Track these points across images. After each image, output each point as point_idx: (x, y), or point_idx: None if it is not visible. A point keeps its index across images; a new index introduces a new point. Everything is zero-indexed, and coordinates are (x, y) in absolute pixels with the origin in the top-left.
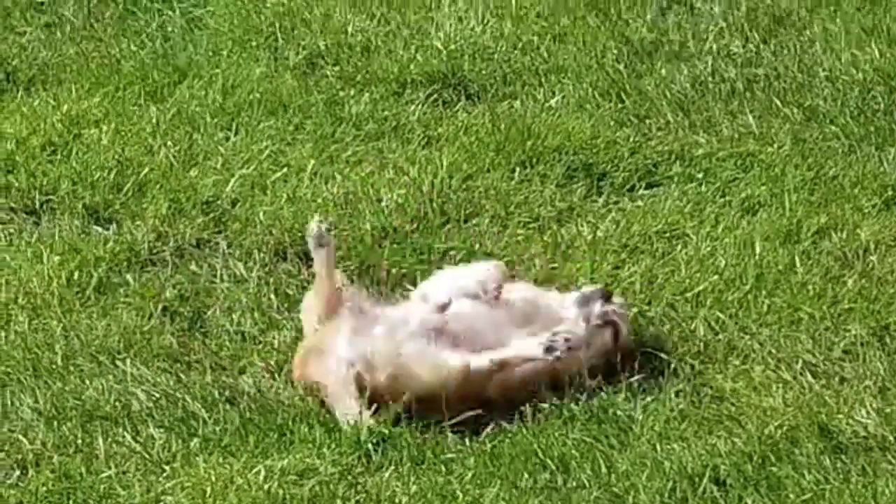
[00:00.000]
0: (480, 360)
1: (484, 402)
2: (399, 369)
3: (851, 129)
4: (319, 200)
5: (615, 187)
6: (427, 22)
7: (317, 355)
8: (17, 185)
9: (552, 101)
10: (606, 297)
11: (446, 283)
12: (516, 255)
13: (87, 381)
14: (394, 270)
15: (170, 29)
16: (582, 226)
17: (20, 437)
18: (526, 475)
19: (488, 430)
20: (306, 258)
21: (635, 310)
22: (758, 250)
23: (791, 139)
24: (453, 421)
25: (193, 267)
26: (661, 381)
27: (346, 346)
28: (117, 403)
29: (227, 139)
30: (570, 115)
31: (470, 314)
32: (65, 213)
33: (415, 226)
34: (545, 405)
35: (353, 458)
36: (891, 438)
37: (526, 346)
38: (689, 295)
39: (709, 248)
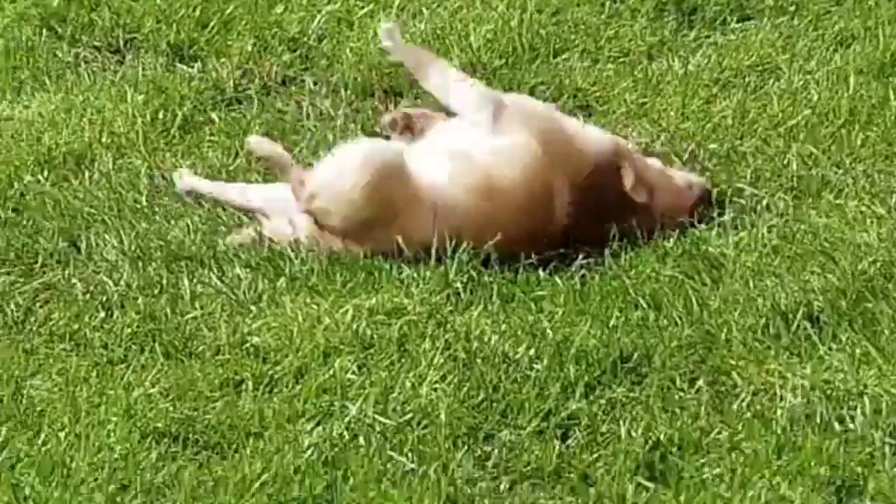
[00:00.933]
0: None
1: None
2: None
3: None
4: (407, 36)
5: (706, 21)
6: None
7: None
8: (100, 23)
9: None
10: None
11: None
12: (606, 91)
13: (173, 222)
14: None
15: None
16: (673, 60)
17: (104, 278)
18: (617, 312)
19: (578, 265)
20: (393, 94)
21: (727, 145)
22: (851, 84)
23: None
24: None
25: (279, 104)
26: (754, 216)
27: None
28: (202, 244)
29: None
30: None
31: None
32: (149, 52)
33: (503, 61)
34: (639, 243)
35: (442, 297)
36: None
37: None
38: (781, 129)
39: (801, 82)
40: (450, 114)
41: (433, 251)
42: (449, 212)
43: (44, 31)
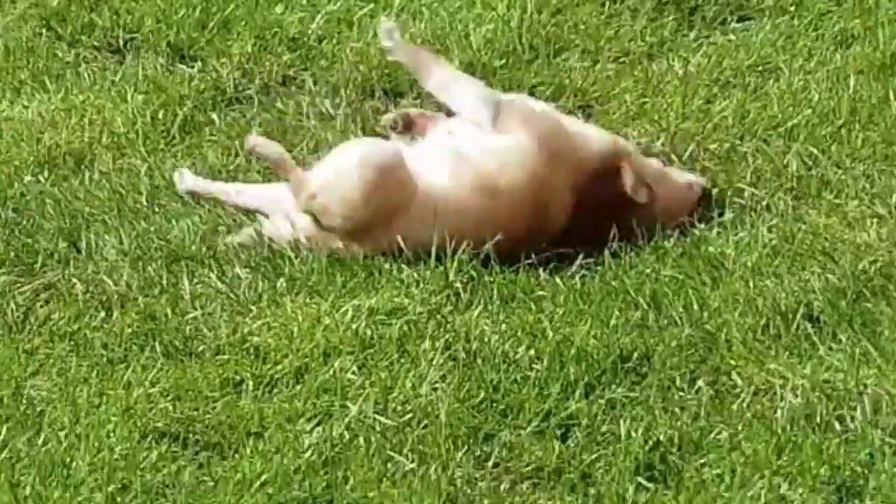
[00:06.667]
0: None
1: None
2: None
3: None
4: (407, 36)
5: (706, 21)
6: None
7: None
8: (100, 23)
9: None
10: None
11: None
12: (606, 91)
13: (173, 222)
14: None
15: None
16: (673, 60)
17: (105, 278)
18: (617, 313)
19: (578, 265)
20: (394, 95)
21: (727, 145)
22: (851, 84)
23: None
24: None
25: (279, 105)
26: (754, 216)
27: None
28: (202, 244)
29: None
30: None
31: None
32: (149, 52)
33: (503, 61)
34: (640, 243)
35: (442, 297)
36: None
37: None
38: (781, 130)
39: (801, 82)
40: (450, 113)
41: (433, 251)
42: (449, 212)
43: (44, 31)
